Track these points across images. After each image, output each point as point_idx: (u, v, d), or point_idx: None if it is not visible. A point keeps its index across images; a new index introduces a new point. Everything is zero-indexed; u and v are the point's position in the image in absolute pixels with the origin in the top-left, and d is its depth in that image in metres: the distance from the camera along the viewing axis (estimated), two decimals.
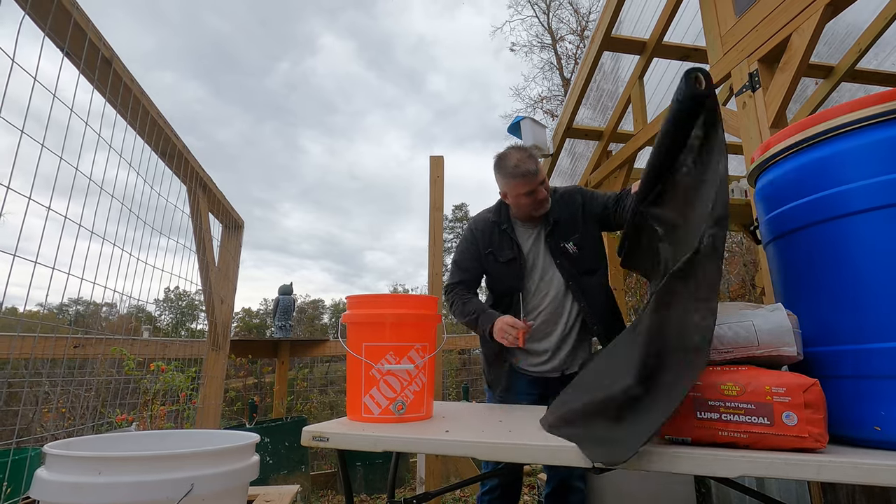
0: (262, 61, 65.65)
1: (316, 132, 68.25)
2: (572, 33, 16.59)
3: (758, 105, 1.96)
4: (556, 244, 1.85)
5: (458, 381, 6.02)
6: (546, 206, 1.85)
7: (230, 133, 69.12)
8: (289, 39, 61.60)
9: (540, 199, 1.81)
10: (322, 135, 68.28)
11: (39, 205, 1.21)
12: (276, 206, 64.51)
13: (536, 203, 1.81)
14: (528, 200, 1.80)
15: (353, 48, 58.49)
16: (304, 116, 67.31)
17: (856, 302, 0.96)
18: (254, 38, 63.54)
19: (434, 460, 2.92)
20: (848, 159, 0.98)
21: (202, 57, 69.95)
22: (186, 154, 2.19)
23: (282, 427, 3.73)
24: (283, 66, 64.07)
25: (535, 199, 1.80)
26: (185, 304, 24.51)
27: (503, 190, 1.86)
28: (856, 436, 0.95)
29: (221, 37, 63.91)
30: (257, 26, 60.77)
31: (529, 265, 1.87)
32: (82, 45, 1.38)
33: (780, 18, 1.90)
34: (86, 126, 1.40)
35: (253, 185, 65.93)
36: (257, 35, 62.54)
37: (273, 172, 68.05)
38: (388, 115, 65.48)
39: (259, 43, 64.18)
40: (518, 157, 1.79)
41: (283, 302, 4.87)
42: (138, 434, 1.37)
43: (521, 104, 17.19)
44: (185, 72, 72.50)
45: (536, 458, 1.04)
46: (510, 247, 1.87)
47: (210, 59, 68.76)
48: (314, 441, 1.24)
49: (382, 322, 1.41)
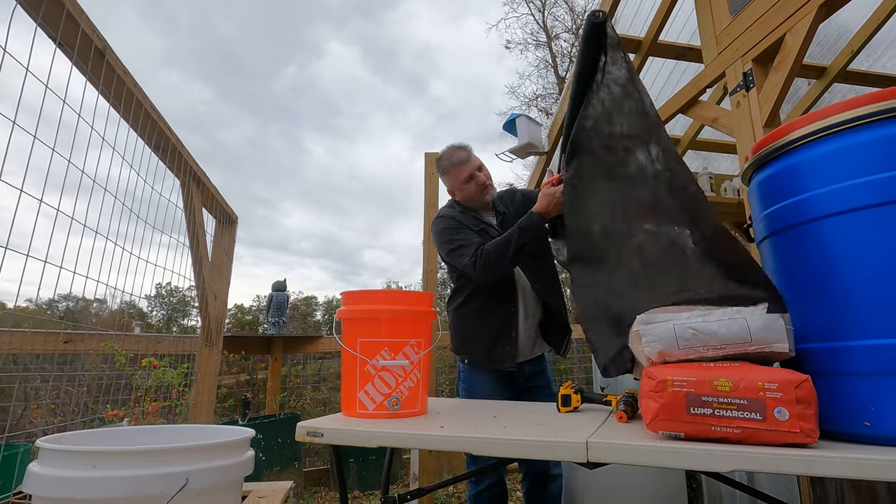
0: (270, 65, 66.13)
1: (319, 134, 68.77)
2: (567, 31, 16.61)
3: (752, 104, 1.98)
4: None
5: (451, 377, 6.03)
6: (492, 190, 2.00)
7: (236, 134, 69.42)
8: (296, 45, 62.39)
9: (482, 182, 1.96)
10: (325, 136, 68.86)
11: (32, 197, 1.20)
12: (278, 205, 64.85)
13: (480, 186, 1.96)
14: (472, 185, 1.95)
15: (359, 53, 59.53)
16: (308, 118, 67.83)
17: (846, 299, 0.97)
18: (262, 44, 64.12)
19: (428, 456, 2.93)
20: (842, 158, 0.99)
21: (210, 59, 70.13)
22: (180, 148, 2.17)
23: (275, 423, 3.72)
24: (289, 71, 64.57)
25: (478, 183, 1.95)
26: (176, 300, 24.34)
27: (449, 188, 2.04)
28: (846, 431, 0.96)
29: (230, 41, 64.20)
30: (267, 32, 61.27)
31: None
32: (75, 36, 1.37)
33: (774, 19, 1.91)
34: (78, 118, 1.38)
35: (256, 184, 66.23)
36: (266, 40, 63.08)
37: (276, 172, 68.57)
38: (391, 118, 66.01)
39: (267, 48, 64.73)
40: (448, 151, 2.00)
41: (276, 298, 4.84)
42: (131, 429, 1.36)
43: (516, 102, 17.19)
44: (191, 73, 72.72)
45: (532, 454, 1.05)
46: (484, 226, 1.97)
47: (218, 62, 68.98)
48: (309, 436, 1.24)
49: (378, 318, 1.41)
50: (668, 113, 2.79)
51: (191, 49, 73.62)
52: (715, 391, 0.94)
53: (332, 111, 67.83)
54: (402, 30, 51.17)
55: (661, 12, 3.06)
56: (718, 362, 1.02)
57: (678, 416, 0.96)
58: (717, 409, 0.93)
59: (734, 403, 0.92)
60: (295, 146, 68.02)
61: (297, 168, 68.17)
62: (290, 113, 67.69)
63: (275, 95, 68.05)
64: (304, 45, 64.09)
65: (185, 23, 70.43)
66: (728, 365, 0.99)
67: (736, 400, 0.92)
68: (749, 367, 0.97)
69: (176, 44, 74.83)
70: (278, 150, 67.28)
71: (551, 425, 1.20)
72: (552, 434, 1.07)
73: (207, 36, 68.67)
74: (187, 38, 71.92)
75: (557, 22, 16.95)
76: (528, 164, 13.68)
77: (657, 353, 1.09)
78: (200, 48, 72.40)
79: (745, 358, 1.02)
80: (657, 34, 3.16)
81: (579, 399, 1.43)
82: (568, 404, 1.43)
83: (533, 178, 4.47)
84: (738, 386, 0.92)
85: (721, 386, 0.94)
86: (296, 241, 64.12)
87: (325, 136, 68.33)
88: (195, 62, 73.97)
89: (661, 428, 0.98)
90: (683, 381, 0.97)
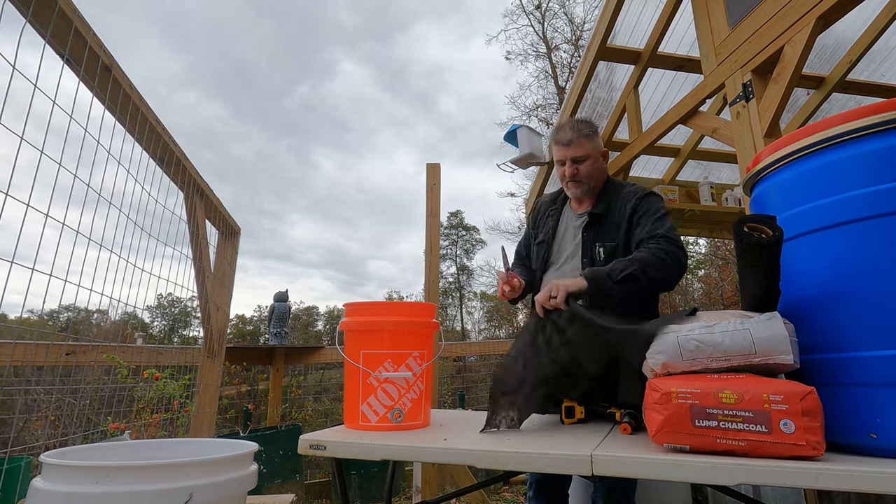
0: (283, 84, 68.10)
1: (328, 149, 70.46)
2: (567, 42, 16.75)
3: (751, 115, 1.99)
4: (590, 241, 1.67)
5: (453, 388, 6.01)
6: (578, 186, 1.71)
7: (247, 150, 71.23)
8: (310, 65, 64.21)
9: (570, 173, 1.69)
10: (334, 151, 70.55)
11: (38, 211, 1.21)
12: (285, 217, 65.87)
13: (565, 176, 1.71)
14: (560, 170, 1.72)
15: (370, 73, 61.37)
16: (318, 134, 69.51)
17: (851, 309, 0.97)
18: (277, 64, 66.15)
19: (430, 468, 2.91)
20: (844, 169, 1.00)
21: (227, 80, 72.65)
22: (184, 161, 2.18)
23: (276, 435, 3.70)
24: (302, 89, 66.27)
25: (564, 172, 1.71)
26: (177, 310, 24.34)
27: None
28: (852, 443, 0.96)
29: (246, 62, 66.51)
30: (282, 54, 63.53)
31: (554, 253, 1.77)
32: (83, 53, 1.39)
33: (772, 30, 1.93)
34: (85, 132, 1.40)
35: (264, 197, 67.44)
36: (281, 61, 65.16)
37: (284, 185, 70.00)
38: (399, 133, 67.40)
39: (281, 68, 66.77)
40: (564, 124, 1.73)
41: (278, 309, 4.84)
42: (134, 443, 1.35)
43: (517, 112, 17.30)
44: (208, 91, 74.64)
45: (537, 467, 1.04)
46: (549, 228, 1.79)
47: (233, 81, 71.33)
48: (311, 449, 1.23)
49: (381, 329, 1.41)
50: (668, 123, 2.81)
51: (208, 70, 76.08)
52: (720, 403, 0.93)
53: (342, 127, 69.55)
54: (412, 50, 52.93)
55: (660, 24, 3.09)
56: (723, 374, 1.02)
57: (683, 428, 0.95)
58: (723, 422, 0.92)
59: (739, 416, 0.91)
60: (304, 160, 69.62)
61: (306, 181, 69.60)
62: (300, 129, 69.48)
63: (286, 112, 69.98)
64: (318, 65, 66.38)
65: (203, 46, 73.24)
66: (733, 377, 0.99)
67: (741, 412, 0.91)
68: (754, 378, 0.97)
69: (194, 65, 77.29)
70: (288, 163, 68.90)
71: (555, 438, 1.20)
72: (556, 447, 1.07)
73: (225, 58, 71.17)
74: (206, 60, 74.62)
75: (557, 33, 17.11)
76: (528, 175, 13.75)
77: (661, 364, 1.08)
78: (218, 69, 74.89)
79: (750, 369, 1.02)
80: (656, 45, 3.19)
81: (583, 411, 1.43)
82: (572, 416, 1.42)
83: (534, 189, 4.49)
84: (744, 398, 0.92)
85: (726, 398, 0.93)
86: (302, 252, 65.01)
87: (334, 151, 69.97)
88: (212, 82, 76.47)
89: (666, 440, 0.98)
90: (688, 393, 0.96)
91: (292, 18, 67.83)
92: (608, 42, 3.26)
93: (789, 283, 1.10)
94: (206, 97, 76.85)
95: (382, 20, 58.71)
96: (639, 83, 3.41)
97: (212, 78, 77.10)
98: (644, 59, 3.28)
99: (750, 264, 1.06)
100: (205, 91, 77.80)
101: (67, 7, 1.32)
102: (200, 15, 73.04)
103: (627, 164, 3.43)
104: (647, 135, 3.09)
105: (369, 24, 60.26)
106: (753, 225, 1.04)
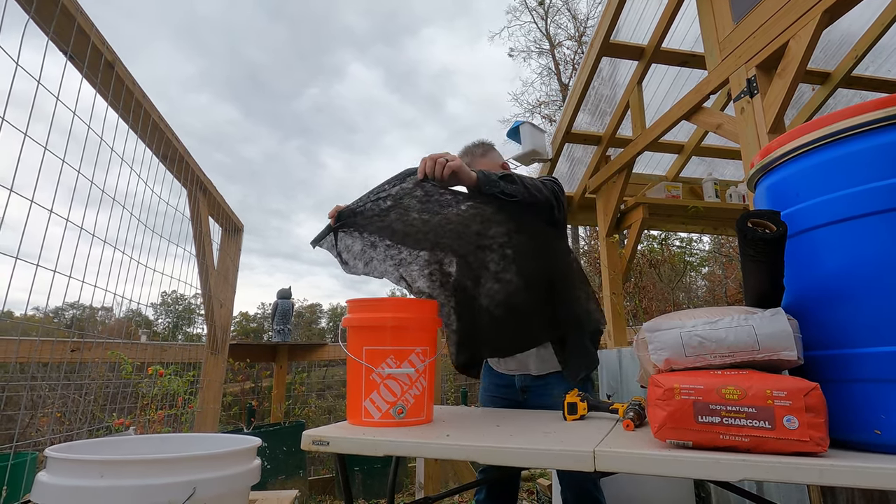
0: (294, 87, 68.58)
1: (336, 149, 71.20)
2: (570, 39, 16.69)
3: (756, 111, 1.98)
4: None
5: (456, 384, 6.01)
6: None
7: (256, 151, 72.03)
8: (320, 68, 64.82)
9: None
10: (342, 151, 71.32)
11: (42, 208, 1.21)
12: (291, 216, 66.20)
13: None
14: None
15: (379, 76, 61.91)
16: (326, 135, 69.86)
17: (855, 305, 0.97)
18: (288, 67, 66.83)
19: (433, 465, 2.91)
20: (850, 164, 0.99)
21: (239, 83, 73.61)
22: (187, 157, 2.19)
23: (280, 432, 3.72)
24: (311, 91, 66.90)
25: None
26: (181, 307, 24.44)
27: None
28: (856, 440, 0.95)
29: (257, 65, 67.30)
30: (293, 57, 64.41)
31: None
32: (86, 49, 1.39)
33: (777, 25, 1.91)
34: (88, 129, 1.40)
35: (272, 197, 67.99)
36: (291, 64, 65.89)
37: (293, 185, 70.62)
38: (407, 134, 68.00)
39: (292, 71, 67.47)
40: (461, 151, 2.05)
41: (281, 306, 4.85)
42: (139, 438, 1.36)
43: (520, 109, 17.26)
44: (220, 94, 75.39)
45: (539, 463, 1.05)
46: None
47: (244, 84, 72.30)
48: (314, 445, 1.23)
49: (383, 325, 1.41)
50: (672, 119, 2.79)
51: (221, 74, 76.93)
52: (723, 399, 0.93)
53: (350, 128, 70.19)
54: (420, 53, 53.42)
55: (663, 19, 3.07)
56: (726, 370, 1.01)
57: (686, 424, 0.95)
58: (726, 418, 0.92)
59: (742, 412, 0.91)
60: (312, 161, 70.40)
61: (314, 181, 70.30)
62: (309, 130, 70.20)
63: (296, 114, 70.65)
64: (327, 68, 67.02)
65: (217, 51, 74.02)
66: (736, 373, 0.99)
67: (744, 408, 0.91)
68: (757, 374, 0.96)
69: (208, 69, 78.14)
70: (296, 164, 69.58)
71: (557, 434, 1.20)
72: (559, 443, 1.07)
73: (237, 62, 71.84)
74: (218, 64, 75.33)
75: (560, 30, 17.05)
76: (531, 171, 13.71)
77: (664, 360, 1.08)
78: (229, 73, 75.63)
79: (753, 365, 1.02)
80: (660, 41, 3.17)
81: (585, 407, 1.43)
82: (574, 412, 1.42)
83: None
84: (747, 394, 0.92)
85: (729, 394, 0.93)
86: (308, 250, 65.74)
87: (342, 151, 70.72)
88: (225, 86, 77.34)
89: (669, 436, 0.97)
90: (691, 389, 0.96)
91: (303, 23, 68.60)
92: (611, 38, 3.24)
93: (793, 278, 1.09)
94: (218, 99, 77.59)
95: (392, 24, 59.57)
96: (642, 79, 3.39)
97: (224, 82, 77.94)
98: (647, 54, 3.26)
99: (753, 260, 1.06)
100: (217, 93, 78.57)
101: (70, 3, 1.32)
102: (214, 20, 73.67)
103: (631, 160, 3.42)
104: (651, 131, 3.07)
105: (379, 29, 61.11)
106: (757, 220, 1.03)
